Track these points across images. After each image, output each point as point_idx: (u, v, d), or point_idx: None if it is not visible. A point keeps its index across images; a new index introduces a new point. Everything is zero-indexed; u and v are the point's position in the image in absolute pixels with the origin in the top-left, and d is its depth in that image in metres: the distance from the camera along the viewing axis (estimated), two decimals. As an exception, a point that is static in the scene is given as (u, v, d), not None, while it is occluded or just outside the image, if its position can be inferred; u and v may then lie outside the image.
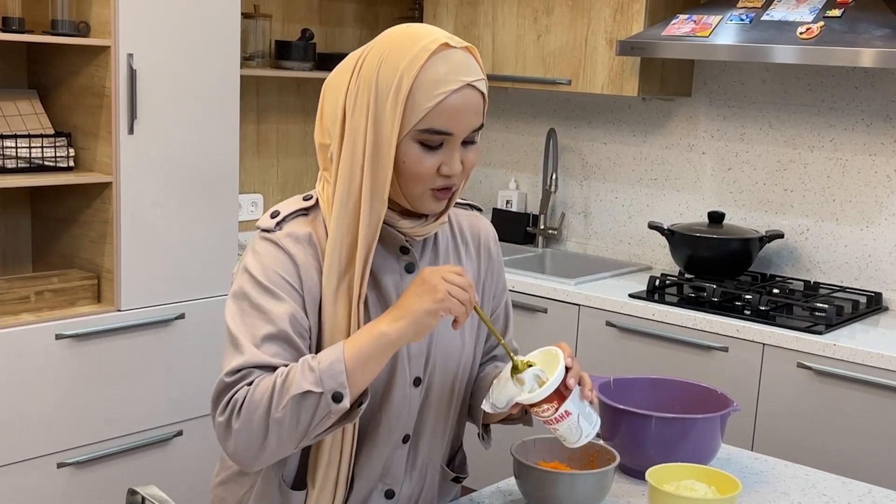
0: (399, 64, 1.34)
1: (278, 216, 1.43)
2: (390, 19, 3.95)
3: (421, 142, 1.37)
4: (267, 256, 1.40)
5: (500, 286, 1.64)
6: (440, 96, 1.34)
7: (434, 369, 1.50)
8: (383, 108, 1.35)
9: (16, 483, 2.61)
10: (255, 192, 3.59)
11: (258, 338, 1.35)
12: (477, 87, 1.38)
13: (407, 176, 1.38)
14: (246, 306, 1.37)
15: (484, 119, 1.42)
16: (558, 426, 1.42)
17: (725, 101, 3.37)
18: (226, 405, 1.33)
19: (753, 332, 2.76)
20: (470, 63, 1.38)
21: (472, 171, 1.45)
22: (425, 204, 1.42)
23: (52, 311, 2.69)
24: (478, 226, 1.61)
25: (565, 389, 1.40)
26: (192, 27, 2.84)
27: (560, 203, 3.78)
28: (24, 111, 2.79)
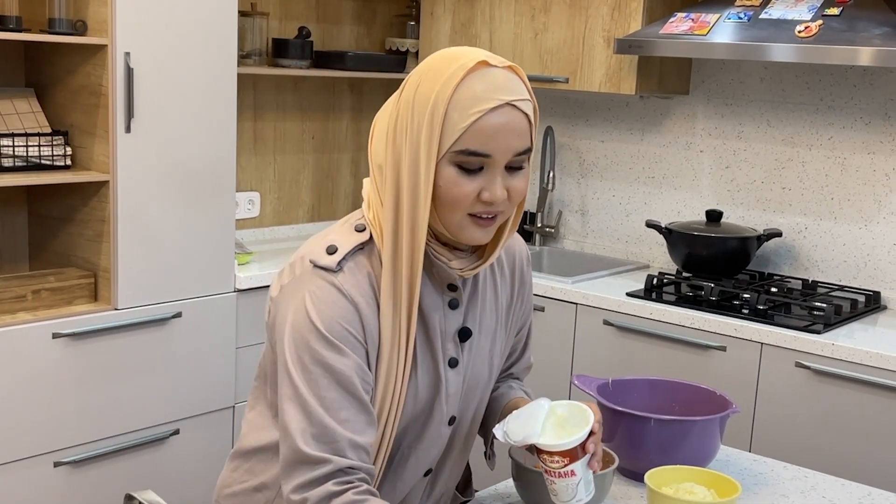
0: (436, 84, 1.29)
1: (336, 253, 1.34)
2: (388, 17, 3.94)
3: (458, 164, 1.30)
4: (329, 304, 1.31)
5: (527, 308, 1.61)
6: (476, 115, 1.28)
7: (465, 405, 1.48)
8: (420, 129, 1.29)
9: (12, 482, 2.60)
10: (252, 189, 3.59)
11: (327, 401, 1.29)
12: (519, 107, 1.30)
13: (445, 201, 1.31)
14: (308, 360, 1.30)
15: (532, 143, 1.35)
16: (558, 481, 1.39)
17: (723, 99, 3.36)
18: (310, 487, 1.28)
19: (751, 332, 2.76)
20: (511, 82, 1.31)
21: (522, 200, 1.37)
22: (466, 232, 1.34)
23: (48, 309, 2.68)
24: (512, 247, 1.57)
25: (581, 451, 1.38)
26: (189, 26, 2.83)
27: (557, 201, 3.78)
28: (22, 110, 2.78)
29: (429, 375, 1.42)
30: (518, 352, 1.64)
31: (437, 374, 1.42)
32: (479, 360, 1.48)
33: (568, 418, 1.39)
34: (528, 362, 1.66)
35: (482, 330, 1.48)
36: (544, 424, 1.38)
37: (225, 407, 3.06)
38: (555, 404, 1.42)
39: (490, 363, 1.51)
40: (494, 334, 1.51)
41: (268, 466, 1.46)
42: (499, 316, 1.52)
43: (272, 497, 1.45)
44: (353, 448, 1.29)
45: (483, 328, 1.49)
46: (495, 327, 1.51)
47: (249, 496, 1.48)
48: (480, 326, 1.48)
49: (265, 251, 3.41)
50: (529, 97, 1.34)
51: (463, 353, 1.46)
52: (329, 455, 1.27)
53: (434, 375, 1.42)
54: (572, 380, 1.78)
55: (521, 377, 1.66)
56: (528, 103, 1.33)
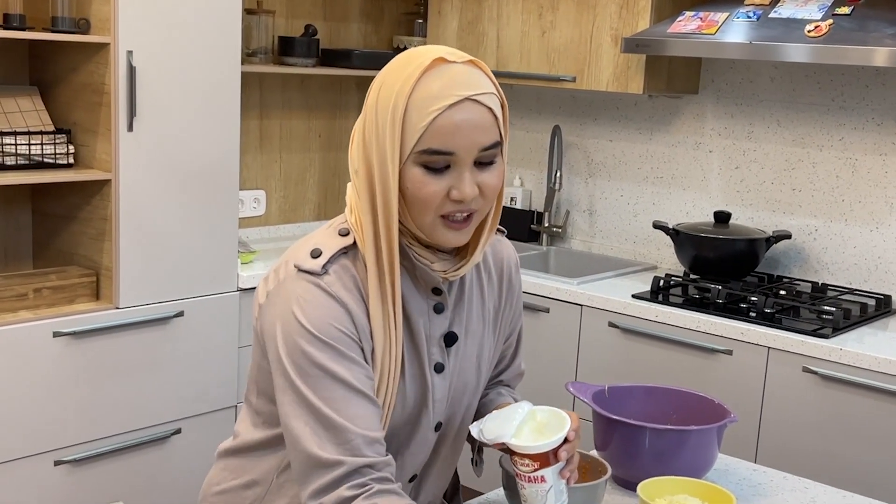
0: (395, 85, 1.28)
1: (321, 256, 1.32)
2: (396, 14, 3.92)
3: (423, 164, 1.28)
4: (317, 306, 1.29)
5: (516, 313, 1.58)
6: (434, 113, 1.25)
7: (451, 411, 1.47)
8: (383, 133, 1.27)
9: (12, 481, 2.60)
10: (258, 188, 3.57)
11: (333, 401, 1.27)
12: (481, 101, 1.27)
13: (414, 203, 1.29)
14: (306, 364, 1.28)
15: (502, 137, 1.32)
16: (527, 487, 1.37)
17: (733, 98, 3.32)
18: (324, 492, 1.26)
19: (758, 335, 2.73)
20: (472, 76, 1.28)
21: (496, 196, 1.34)
22: (439, 234, 1.32)
23: (50, 308, 2.68)
24: (500, 252, 1.54)
25: (553, 458, 1.35)
26: (192, 24, 2.82)
27: (565, 201, 3.75)
28: (25, 108, 2.77)
29: (416, 381, 1.40)
30: (508, 358, 1.61)
31: (423, 379, 1.40)
32: (466, 366, 1.46)
33: (547, 424, 1.37)
34: (518, 369, 1.64)
35: (469, 335, 1.46)
36: (522, 427, 1.36)
37: (227, 406, 3.05)
38: (536, 409, 1.40)
39: (478, 369, 1.48)
40: (482, 340, 1.49)
41: (257, 463, 1.45)
42: (486, 321, 1.50)
43: (262, 493, 1.44)
44: (369, 444, 1.27)
45: (470, 333, 1.47)
46: (483, 333, 1.49)
47: (238, 493, 1.47)
48: (467, 331, 1.46)
49: (270, 250, 3.40)
50: (494, 91, 1.31)
51: (449, 359, 1.44)
52: (343, 456, 1.25)
53: (421, 381, 1.40)
54: (567, 386, 1.75)
55: (511, 384, 1.64)
56: (492, 97, 1.30)
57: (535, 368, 3.16)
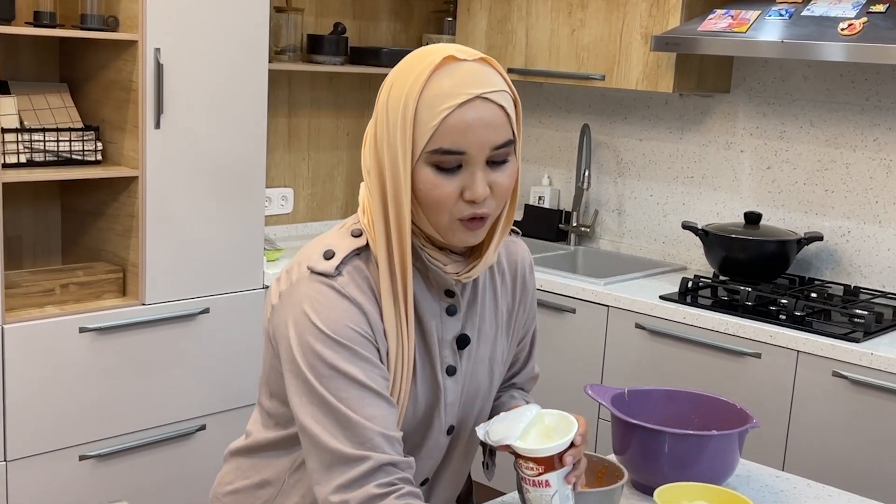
0: (405, 85, 1.26)
1: (334, 258, 1.30)
2: (425, 13, 3.90)
3: (434, 164, 1.26)
4: (331, 307, 1.28)
5: (530, 315, 1.56)
6: (445, 112, 1.24)
7: (464, 414, 1.45)
8: (394, 133, 1.26)
9: (38, 474, 2.62)
10: (286, 185, 3.58)
11: (350, 401, 1.25)
12: (492, 99, 1.25)
13: (427, 204, 1.28)
14: (321, 365, 1.26)
15: (514, 135, 1.30)
16: (532, 491, 1.35)
17: (765, 98, 3.27)
18: (350, 488, 1.23)
19: (787, 339, 2.68)
20: (483, 74, 1.26)
21: (508, 196, 1.31)
22: (455, 235, 1.30)
23: (76, 304, 2.70)
24: (515, 253, 1.52)
25: (558, 462, 1.33)
26: (220, 22, 2.83)
27: (594, 200, 3.72)
28: (54, 105, 2.79)
29: (427, 383, 1.39)
30: (521, 361, 1.59)
31: (435, 382, 1.39)
32: (479, 369, 1.44)
33: (555, 428, 1.35)
34: (532, 372, 1.62)
35: (481, 337, 1.45)
36: (529, 431, 1.35)
37: (252, 403, 3.05)
38: (544, 412, 1.38)
39: (490, 372, 1.47)
40: (495, 342, 1.47)
41: (270, 463, 1.44)
42: (499, 323, 1.48)
43: (274, 494, 1.43)
44: (389, 441, 1.25)
45: (482, 336, 1.45)
46: (496, 335, 1.47)
47: (251, 493, 1.46)
48: (480, 334, 1.44)
49: (297, 247, 3.40)
50: (506, 88, 1.29)
51: (461, 361, 1.42)
52: (367, 451, 1.23)
53: (432, 383, 1.39)
54: (586, 389, 1.73)
55: (525, 388, 1.62)
56: (504, 94, 1.28)
57: (560, 370, 3.14)
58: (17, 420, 2.56)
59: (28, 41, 2.84)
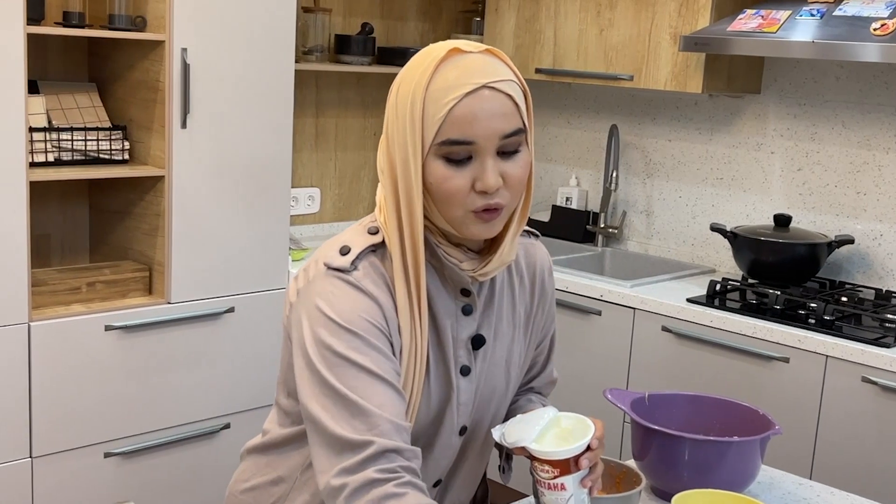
0: (412, 81, 1.27)
1: (350, 253, 1.31)
2: (453, 13, 3.89)
3: (444, 157, 1.26)
4: (346, 300, 1.27)
5: (549, 319, 1.55)
6: (451, 102, 1.24)
7: (478, 415, 1.44)
8: (403, 129, 1.27)
9: (63, 471, 2.65)
10: (313, 185, 3.58)
11: (360, 389, 1.24)
12: (499, 88, 1.25)
13: (440, 198, 1.27)
14: (331, 356, 1.25)
15: (525, 125, 1.29)
16: (547, 494, 1.34)
17: (796, 98, 3.23)
18: (351, 472, 1.22)
19: (816, 343, 2.64)
20: (488, 64, 1.26)
21: (522, 187, 1.30)
22: (470, 228, 1.29)
23: (103, 302, 2.72)
24: (534, 256, 1.51)
25: (574, 465, 1.32)
26: (247, 22, 2.83)
27: (622, 201, 3.69)
28: (83, 104, 2.82)
29: (440, 382, 1.38)
30: (539, 365, 1.58)
31: (448, 381, 1.38)
32: (495, 370, 1.43)
33: (572, 431, 1.34)
34: (550, 377, 1.60)
35: (498, 339, 1.44)
36: (546, 434, 1.33)
37: (276, 403, 3.06)
38: (561, 415, 1.36)
39: (507, 374, 1.45)
40: (511, 344, 1.46)
41: (284, 460, 1.44)
42: (517, 325, 1.47)
43: (288, 490, 1.44)
44: (396, 429, 1.24)
45: (499, 337, 1.44)
46: (513, 337, 1.46)
47: (266, 490, 1.47)
48: (496, 335, 1.43)
49: (323, 247, 3.40)
50: (513, 78, 1.28)
51: (476, 362, 1.41)
52: (371, 437, 1.22)
53: (445, 383, 1.38)
54: (605, 393, 1.71)
55: (543, 392, 1.61)
56: (511, 84, 1.28)
57: (586, 372, 3.12)
58: (43, 417, 2.58)
59: (57, 41, 2.86)
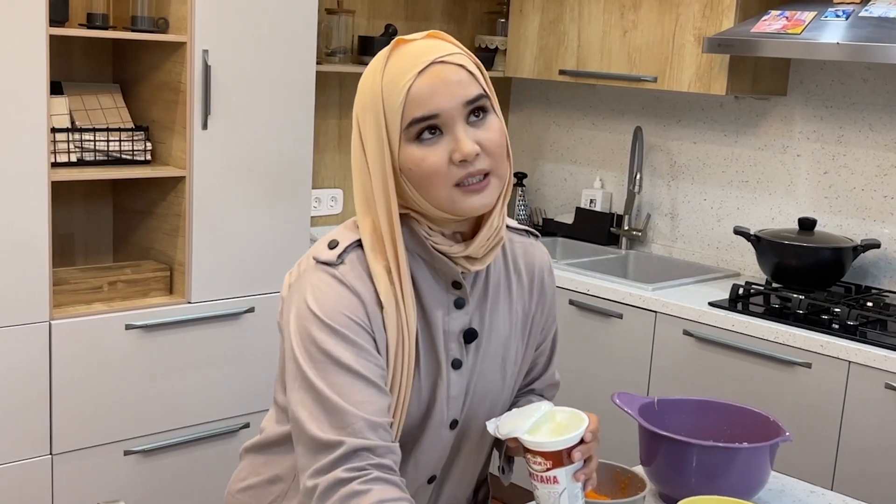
0: (367, 83, 1.31)
1: (338, 247, 1.33)
2: (479, 14, 3.89)
3: (416, 139, 1.28)
4: (330, 295, 1.29)
5: (549, 320, 1.55)
6: (407, 84, 1.26)
7: (472, 411, 1.43)
8: (369, 128, 1.30)
9: (83, 468, 2.67)
10: (336, 187, 3.59)
11: (338, 386, 1.26)
12: (448, 60, 1.28)
13: (421, 182, 1.28)
14: (314, 350, 1.28)
15: (485, 90, 1.31)
16: (540, 487, 1.33)
17: (823, 101, 3.19)
18: (322, 473, 1.24)
19: (838, 349, 2.60)
20: (433, 45, 1.30)
21: (502, 151, 1.30)
22: (462, 203, 1.29)
23: (124, 301, 2.74)
24: (532, 255, 1.51)
25: (567, 458, 1.31)
26: (268, 24, 2.85)
27: (646, 203, 3.66)
28: (106, 105, 2.84)
29: (430, 375, 1.38)
30: (540, 367, 1.57)
31: (438, 373, 1.38)
32: (489, 366, 1.43)
33: (566, 426, 1.33)
34: (552, 379, 1.59)
35: (493, 334, 1.43)
36: (540, 426, 1.33)
37: (296, 403, 3.07)
38: (556, 409, 1.36)
39: (502, 371, 1.45)
40: (508, 341, 1.45)
41: (281, 459, 1.45)
42: (513, 323, 1.46)
43: (286, 489, 1.45)
44: (371, 427, 1.26)
45: (494, 333, 1.43)
46: (509, 334, 1.46)
47: (264, 489, 1.48)
48: (491, 330, 1.43)
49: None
50: (461, 51, 1.32)
51: (468, 356, 1.41)
52: (343, 437, 1.24)
53: (435, 375, 1.38)
54: (613, 398, 1.69)
55: (545, 395, 1.59)
56: (460, 56, 1.31)
57: (606, 375, 3.10)
58: (64, 414, 2.61)
59: (82, 43, 2.89)
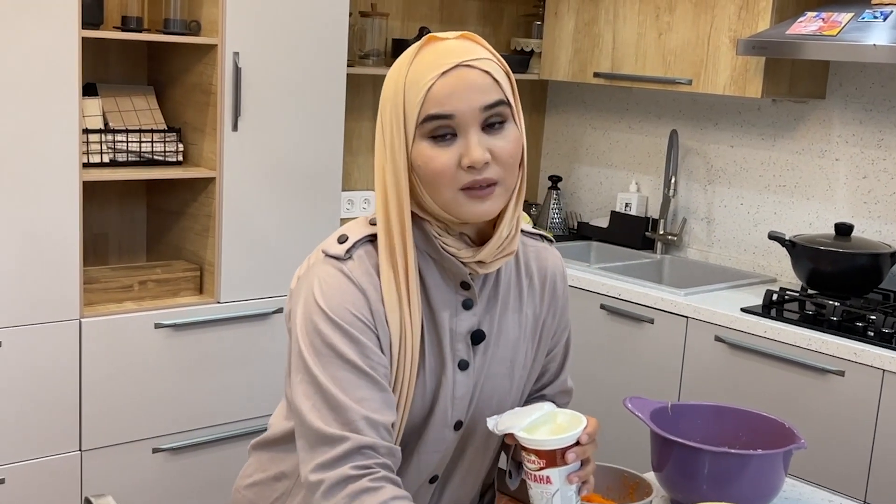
0: (394, 75, 1.31)
1: (347, 242, 1.33)
2: (515, 16, 3.88)
3: (429, 136, 1.27)
4: (336, 289, 1.29)
5: (561, 325, 1.53)
6: (429, 83, 1.26)
7: (477, 413, 1.42)
8: (390, 118, 1.29)
9: (112, 465, 2.71)
10: (369, 189, 3.60)
11: (341, 381, 1.26)
12: (475, 65, 1.27)
13: (430, 180, 1.28)
14: (319, 343, 1.28)
15: (507, 99, 1.29)
16: (533, 486, 1.32)
17: (863, 104, 3.12)
18: (327, 468, 1.24)
19: (872, 357, 2.54)
20: (464, 47, 1.29)
21: (515, 163, 1.29)
22: (465, 208, 1.28)
23: (154, 300, 2.78)
24: (545, 259, 1.50)
25: (561, 458, 1.30)
26: (299, 26, 2.86)
27: (682, 208, 3.61)
28: (139, 107, 2.88)
29: (435, 375, 1.37)
30: (552, 373, 1.55)
31: (443, 373, 1.37)
32: (497, 369, 1.42)
33: (566, 428, 1.32)
34: (563, 385, 1.57)
35: (501, 337, 1.42)
36: (539, 426, 1.32)
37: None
38: (557, 411, 1.35)
39: (510, 374, 1.44)
40: (517, 344, 1.44)
41: (287, 455, 1.45)
42: (523, 327, 1.45)
43: (290, 486, 1.45)
44: (372, 426, 1.26)
45: (503, 335, 1.42)
46: (518, 337, 1.44)
47: (269, 485, 1.48)
48: (499, 333, 1.42)
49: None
50: (490, 57, 1.30)
51: (475, 357, 1.40)
52: (347, 433, 1.24)
53: (440, 375, 1.37)
54: (625, 402, 1.67)
55: (557, 401, 1.57)
56: (488, 62, 1.29)
57: (638, 381, 3.06)
58: (93, 411, 2.65)
59: (118, 45, 2.94)
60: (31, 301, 2.52)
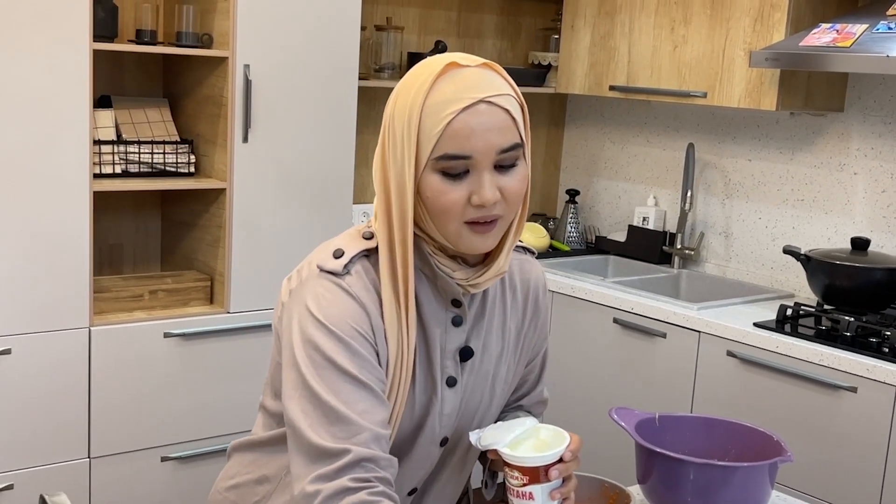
0: (409, 95, 1.27)
1: (343, 257, 1.32)
2: (532, 30, 3.87)
3: (441, 171, 1.25)
4: (335, 304, 1.28)
5: (541, 337, 1.53)
6: (449, 117, 1.23)
7: (460, 428, 1.42)
8: (400, 142, 1.26)
9: (120, 473, 2.73)
10: (384, 201, 3.61)
11: (343, 394, 1.25)
12: (497, 102, 1.25)
13: (436, 211, 1.27)
14: (318, 358, 1.27)
15: (522, 139, 1.28)
16: (515, 501, 1.31)
17: (882, 117, 3.07)
18: (326, 479, 1.22)
19: (885, 373, 2.49)
20: (485, 78, 1.26)
21: (519, 201, 1.30)
22: (466, 241, 1.29)
23: (164, 310, 2.80)
24: (528, 272, 1.50)
25: (544, 475, 1.29)
26: (309, 40, 2.88)
27: (700, 222, 3.58)
28: (153, 118, 2.92)
29: (426, 392, 1.37)
30: (530, 384, 1.55)
31: (433, 391, 1.37)
32: (480, 383, 1.41)
33: (549, 443, 1.32)
34: (540, 396, 1.57)
35: (486, 352, 1.42)
36: (522, 441, 1.31)
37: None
38: (540, 426, 1.35)
39: (492, 388, 1.43)
40: (500, 358, 1.44)
41: (271, 459, 1.45)
42: (506, 340, 1.44)
43: (272, 490, 1.44)
44: (374, 438, 1.25)
45: (487, 350, 1.42)
46: (501, 352, 1.44)
47: (250, 488, 1.48)
48: (484, 348, 1.41)
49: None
50: (511, 93, 1.28)
51: (463, 374, 1.39)
52: (349, 445, 1.23)
53: (430, 392, 1.37)
54: (610, 413, 1.65)
55: (533, 411, 1.57)
56: (509, 98, 1.27)
57: (649, 395, 3.03)
58: (102, 419, 2.67)
59: (133, 58, 2.98)
60: (41, 309, 2.55)
